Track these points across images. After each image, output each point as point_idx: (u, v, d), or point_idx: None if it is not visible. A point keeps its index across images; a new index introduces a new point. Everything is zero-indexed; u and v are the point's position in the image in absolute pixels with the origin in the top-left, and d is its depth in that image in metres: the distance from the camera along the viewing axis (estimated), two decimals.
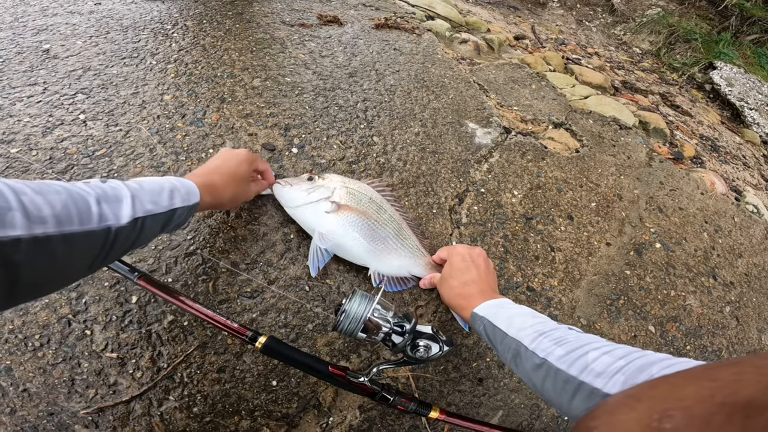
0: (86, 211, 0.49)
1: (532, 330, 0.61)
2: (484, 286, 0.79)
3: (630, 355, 0.49)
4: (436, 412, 0.71)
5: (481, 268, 0.83)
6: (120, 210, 0.54)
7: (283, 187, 0.90)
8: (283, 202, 0.91)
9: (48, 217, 0.44)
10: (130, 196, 0.57)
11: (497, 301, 0.73)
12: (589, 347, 0.53)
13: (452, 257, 0.86)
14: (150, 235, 0.63)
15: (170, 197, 0.64)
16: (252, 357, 0.78)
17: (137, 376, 0.73)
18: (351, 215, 0.88)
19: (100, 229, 0.51)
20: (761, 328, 1.20)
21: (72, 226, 0.47)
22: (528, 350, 0.59)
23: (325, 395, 0.79)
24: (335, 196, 0.90)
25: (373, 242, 0.88)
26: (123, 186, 0.58)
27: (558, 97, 1.63)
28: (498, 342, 0.66)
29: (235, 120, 1.10)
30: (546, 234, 1.11)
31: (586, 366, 0.50)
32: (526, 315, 0.67)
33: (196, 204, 0.69)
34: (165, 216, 0.62)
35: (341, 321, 0.65)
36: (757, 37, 3.02)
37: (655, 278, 1.15)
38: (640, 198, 1.33)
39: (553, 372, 0.54)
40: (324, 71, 1.34)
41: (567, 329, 0.61)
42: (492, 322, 0.68)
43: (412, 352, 0.68)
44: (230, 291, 0.83)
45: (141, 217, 0.57)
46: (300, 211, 0.90)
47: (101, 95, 1.09)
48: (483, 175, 1.19)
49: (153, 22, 1.40)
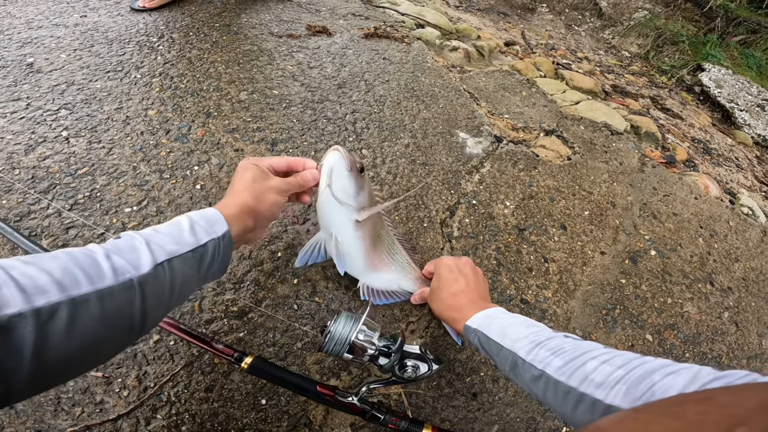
0: (94, 268, 0.45)
1: (527, 341, 0.60)
2: (474, 295, 0.78)
3: (629, 363, 0.48)
4: (428, 430, 0.69)
5: (469, 276, 0.81)
6: (138, 259, 0.50)
7: (342, 161, 0.74)
8: (331, 181, 0.75)
9: (46, 285, 0.40)
10: (145, 243, 0.52)
11: (489, 311, 0.71)
12: (587, 356, 0.52)
13: (439, 269, 0.84)
14: (187, 283, 0.57)
15: (192, 233, 0.57)
16: (240, 376, 0.77)
17: (124, 394, 0.72)
18: (366, 229, 0.82)
19: (119, 284, 0.46)
20: (761, 332, 1.19)
21: (80, 288, 0.43)
22: (525, 362, 0.58)
23: (315, 413, 0.77)
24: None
25: (371, 257, 0.86)
26: (136, 234, 0.53)
27: (549, 103, 1.63)
28: (494, 354, 0.65)
29: (221, 135, 1.09)
30: (539, 245, 1.10)
31: (586, 377, 0.49)
32: (520, 324, 0.65)
33: (226, 233, 0.61)
34: (196, 255, 0.57)
35: (326, 343, 0.63)
36: (743, 38, 3.04)
37: (651, 286, 1.14)
38: (633, 205, 1.32)
39: (552, 383, 0.53)
40: (312, 83, 1.33)
41: (563, 337, 0.59)
42: (486, 334, 0.66)
43: (401, 372, 0.67)
44: (216, 310, 0.81)
45: (165, 260, 0.52)
46: (334, 206, 0.76)
47: (84, 111, 1.08)
48: (474, 186, 1.18)
49: (139, 34, 1.39)
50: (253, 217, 0.67)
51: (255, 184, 0.68)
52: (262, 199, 0.67)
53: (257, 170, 0.70)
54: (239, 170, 0.70)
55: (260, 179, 0.69)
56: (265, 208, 0.68)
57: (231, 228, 0.62)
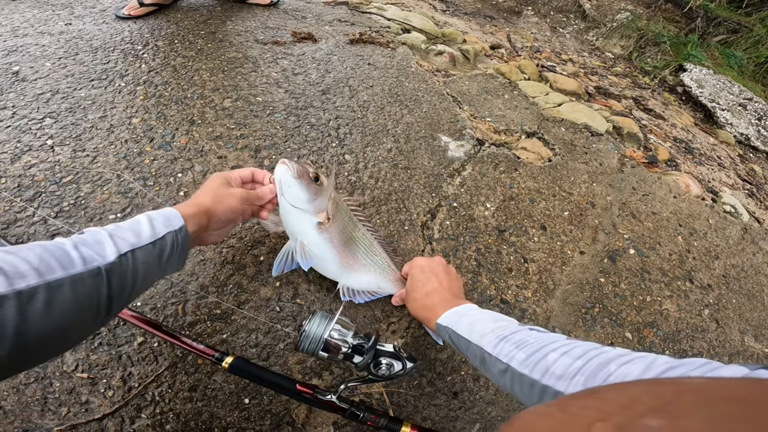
0: (65, 256, 0.49)
1: (493, 335, 0.62)
2: (446, 294, 0.80)
3: (587, 354, 0.50)
4: (407, 428, 0.71)
5: (441, 276, 0.83)
6: (103, 249, 0.54)
7: (289, 170, 0.80)
8: (282, 191, 0.81)
9: (26, 270, 0.44)
10: (108, 235, 0.56)
11: (459, 308, 0.73)
12: (548, 348, 0.53)
13: (412, 270, 0.87)
14: (149, 272, 0.61)
15: (151, 227, 0.62)
16: (223, 376, 0.79)
17: (108, 395, 0.74)
18: (333, 231, 0.86)
19: (88, 271, 0.50)
20: (743, 329, 1.21)
21: (55, 273, 0.46)
22: (492, 356, 0.59)
23: (298, 412, 0.79)
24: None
25: (345, 258, 0.88)
26: (100, 229, 0.57)
27: (530, 106, 1.66)
28: (464, 350, 0.67)
29: (205, 143, 1.10)
30: (519, 245, 1.13)
31: (547, 369, 0.51)
32: (487, 320, 0.67)
33: (183, 227, 0.66)
34: (156, 246, 0.61)
35: (301, 341, 0.66)
36: (724, 37, 3.09)
37: (630, 284, 1.17)
38: (612, 204, 1.35)
39: (518, 377, 0.54)
40: (296, 89, 1.35)
41: (528, 330, 0.61)
42: (455, 330, 0.68)
43: (375, 370, 0.69)
44: (199, 313, 0.83)
45: (128, 251, 0.56)
46: (292, 213, 0.82)
47: (69, 119, 1.09)
48: (455, 189, 1.21)
49: (123, 42, 1.40)
50: (209, 216, 0.72)
51: (217, 189, 0.75)
52: (219, 201, 0.74)
53: (222, 180, 0.78)
54: (207, 180, 0.78)
55: (223, 186, 0.77)
56: (221, 210, 0.74)
57: (187, 224, 0.67)
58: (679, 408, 0.19)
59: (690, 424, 0.17)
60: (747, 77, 3.09)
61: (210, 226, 0.73)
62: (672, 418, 0.18)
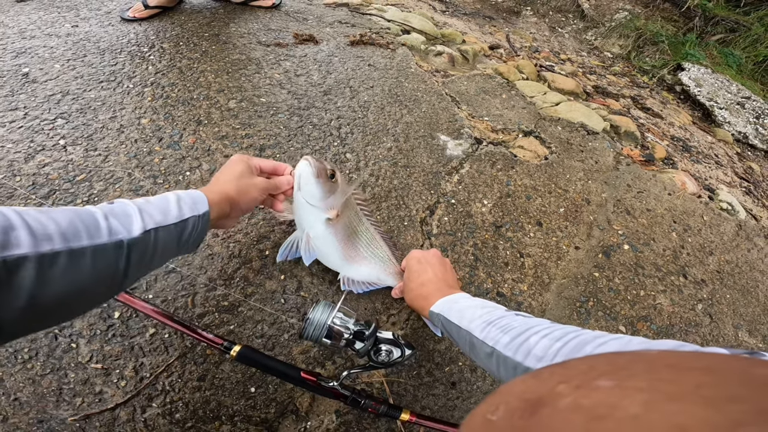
0: (94, 225, 0.50)
1: (480, 321, 0.65)
2: (441, 284, 0.83)
3: (566, 336, 0.52)
4: (407, 415, 0.74)
5: (436, 267, 0.87)
6: (131, 224, 0.55)
7: (310, 168, 0.83)
8: (300, 186, 0.84)
9: (54, 233, 0.45)
10: (137, 210, 0.57)
11: (451, 296, 0.77)
12: (531, 332, 0.56)
13: (409, 262, 0.91)
14: (166, 251, 0.62)
15: (178, 207, 0.63)
16: (230, 366, 0.82)
17: (121, 385, 0.77)
18: (338, 226, 0.90)
19: (112, 243, 0.51)
20: (737, 324, 1.23)
21: (80, 241, 0.47)
22: (479, 340, 0.62)
23: (301, 401, 0.82)
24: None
25: (347, 250, 0.92)
26: (130, 202, 0.59)
27: (528, 105, 1.69)
28: (455, 336, 0.70)
29: (211, 142, 1.14)
30: (515, 241, 1.16)
31: (529, 351, 0.54)
32: (476, 307, 0.70)
33: (207, 212, 0.68)
34: (177, 228, 0.62)
35: (306, 328, 0.69)
36: (722, 37, 3.12)
37: (624, 279, 1.20)
38: (607, 201, 1.38)
39: (502, 359, 0.57)
40: (299, 90, 1.39)
41: (514, 315, 0.64)
42: (447, 317, 0.72)
43: (375, 357, 0.72)
44: (208, 305, 0.87)
45: (152, 228, 0.58)
46: (304, 207, 0.86)
47: (80, 120, 1.13)
48: (453, 186, 1.24)
49: (130, 44, 1.44)
50: (231, 206, 0.75)
51: (241, 179, 0.77)
52: (244, 192, 0.76)
53: (246, 167, 0.79)
54: (231, 162, 0.79)
55: (247, 175, 0.78)
56: (244, 202, 0.77)
57: (210, 210, 0.69)
58: (628, 372, 0.22)
59: (633, 384, 0.20)
60: (745, 76, 3.11)
61: (231, 214, 0.76)
62: (620, 380, 0.21)
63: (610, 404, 0.20)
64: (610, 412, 0.19)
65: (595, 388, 0.21)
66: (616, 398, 0.20)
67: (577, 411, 0.20)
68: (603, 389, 0.21)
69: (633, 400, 0.19)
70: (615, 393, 0.20)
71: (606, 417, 0.19)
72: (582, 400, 0.21)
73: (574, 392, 0.21)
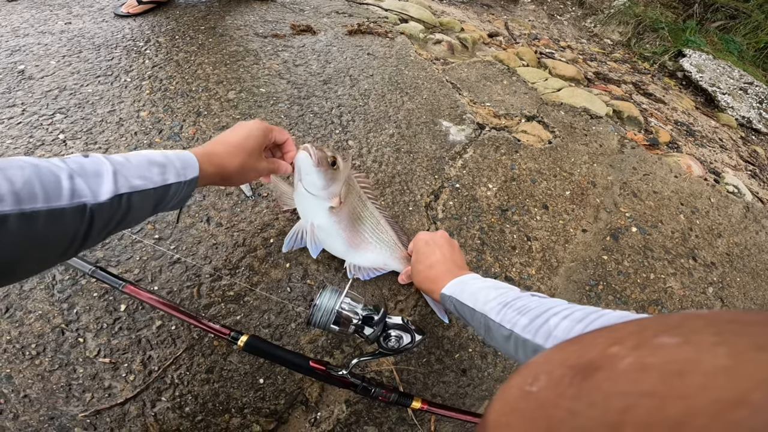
0: (54, 186, 0.45)
1: (495, 302, 0.62)
2: (450, 265, 0.81)
3: (588, 317, 0.50)
4: (418, 403, 0.73)
5: (444, 248, 0.85)
6: (99, 186, 0.49)
7: (309, 158, 0.80)
8: (301, 177, 0.82)
9: (5, 194, 0.41)
10: (111, 171, 0.51)
11: (462, 277, 0.74)
12: (550, 313, 0.53)
13: (416, 244, 0.89)
14: (141, 215, 0.58)
15: (162, 172, 0.58)
16: (238, 357, 0.81)
17: (130, 379, 0.76)
18: (342, 214, 0.88)
19: (72, 207, 0.46)
20: (748, 307, 1.21)
21: (35, 203, 0.43)
22: (495, 323, 0.60)
23: (311, 391, 0.81)
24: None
25: (352, 238, 0.91)
26: (105, 160, 0.52)
27: (529, 91, 1.67)
28: (469, 319, 0.68)
29: (212, 132, 1.13)
30: (522, 224, 1.15)
31: (550, 333, 0.51)
32: (490, 288, 0.68)
33: (195, 179, 0.63)
34: (157, 193, 0.57)
35: (314, 314, 0.67)
36: (722, 23, 3.10)
37: (634, 262, 1.18)
38: (613, 184, 1.37)
39: (521, 342, 0.55)
40: (298, 80, 1.37)
41: (530, 296, 0.61)
42: (459, 299, 0.69)
43: (385, 343, 0.70)
44: (214, 295, 0.85)
45: (126, 193, 0.52)
46: (307, 197, 0.84)
47: (79, 114, 1.11)
48: (458, 171, 1.23)
49: (125, 39, 1.42)
50: (224, 180, 0.72)
51: (248, 159, 0.72)
52: (241, 174, 0.73)
53: (260, 145, 0.74)
54: (251, 128, 0.74)
55: (254, 156, 0.74)
56: (238, 180, 0.75)
57: (199, 179, 0.65)
58: (689, 329, 0.20)
59: (703, 338, 0.19)
60: (747, 62, 3.09)
61: (220, 184, 0.73)
62: (685, 336, 0.19)
63: (687, 359, 0.18)
64: (692, 366, 0.17)
65: (659, 345, 0.20)
66: (691, 353, 0.18)
67: (645, 370, 0.19)
68: (669, 345, 0.19)
69: (714, 354, 0.17)
70: (686, 349, 0.19)
71: (688, 372, 0.17)
72: (648, 359, 0.19)
73: (633, 352, 0.20)
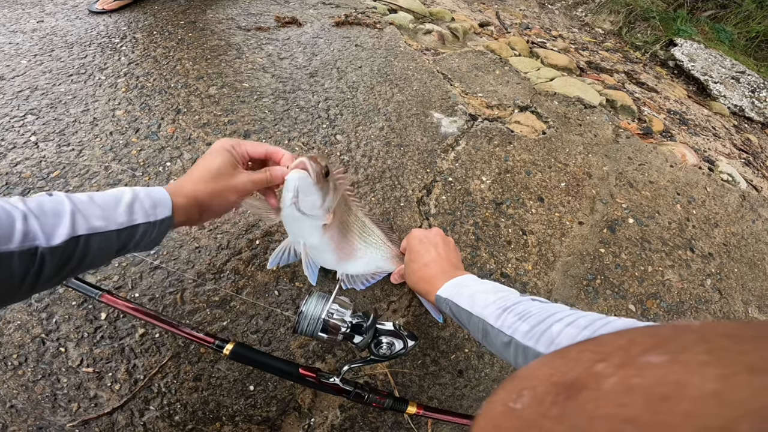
0: (6, 229, 0.43)
1: (495, 307, 0.60)
2: (445, 264, 0.77)
3: (593, 324, 0.48)
4: (413, 408, 0.70)
5: (439, 246, 0.81)
6: (55, 228, 0.47)
7: (309, 179, 0.66)
8: (297, 199, 0.68)
9: None
10: (70, 211, 0.49)
11: (459, 279, 0.71)
12: (552, 319, 0.51)
13: (410, 242, 0.85)
14: (103, 257, 0.54)
15: (129, 212, 0.54)
16: (226, 364, 0.77)
17: (116, 388, 0.73)
18: (333, 228, 0.79)
19: (22, 251, 0.44)
20: (746, 299, 1.19)
21: None
22: (494, 328, 0.57)
23: (303, 397, 0.78)
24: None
25: (341, 248, 0.85)
26: (66, 199, 0.50)
27: (522, 81, 1.64)
28: (466, 322, 0.65)
29: (192, 130, 1.08)
30: (517, 218, 1.11)
31: (552, 341, 0.49)
32: (488, 291, 0.65)
33: (167, 218, 0.58)
34: (121, 235, 0.53)
35: (300, 322, 0.64)
36: (713, 12, 3.07)
37: (631, 254, 1.15)
38: (609, 174, 1.34)
39: (522, 349, 0.52)
40: (283, 74, 1.32)
41: (530, 301, 0.59)
42: (456, 302, 0.66)
43: (376, 350, 0.67)
44: (198, 301, 0.81)
45: (84, 235, 0.49)
46: (300, 219, 0.72)
47: (51, 115, 1.06)
48: (450, 164, 1.19)
49: (99, 36, 1.37)
50: (201, 211, 0.64)
51: (218, 179, 0.63)
52: (218, 196, 0.63)
53: (227, 160, 0.64)
54: (210, 153, 0.65)
55: (226, 174, 0.64)
56: (217, 208, 0.65)
57: (175, 216, 0.59)
58: (679, 345, 0.19)
59: (693, 357, 0.17)
60: (738, 51, 3.07)
61: (202, 217, 0.65)
62: (673, 354, 0.18)
63: (675, 382, 0.17)
64: (679, 390, 0.16)
65: (645, 365, 0.18)
66: (679, 374, 0.17)
67: (630, 392, 0.17)
68: (656, 365, 0.18)
69: (703, 376, 0.16)
70: (675, 369, 0.17)
71: (675, 397, 0.16)
72: (633, 380, 0.18)
73: (619, 371, 0.19)
